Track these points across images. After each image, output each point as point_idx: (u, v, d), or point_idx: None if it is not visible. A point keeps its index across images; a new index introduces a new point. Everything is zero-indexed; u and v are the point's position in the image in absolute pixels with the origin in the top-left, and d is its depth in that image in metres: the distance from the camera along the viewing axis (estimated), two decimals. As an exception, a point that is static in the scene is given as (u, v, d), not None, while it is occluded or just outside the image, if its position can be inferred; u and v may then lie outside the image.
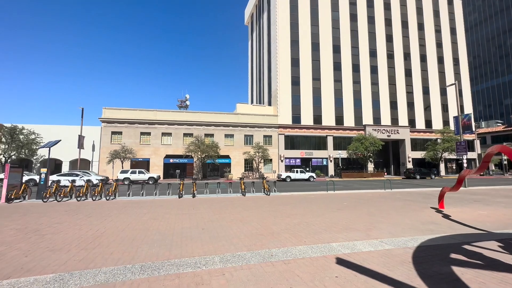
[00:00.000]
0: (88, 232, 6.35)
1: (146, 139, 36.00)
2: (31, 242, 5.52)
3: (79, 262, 4.29)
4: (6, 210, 9.98)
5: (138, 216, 8.49)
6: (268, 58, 48.75)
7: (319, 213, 8.91)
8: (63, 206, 10.82)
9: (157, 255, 4.65)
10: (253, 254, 4.66)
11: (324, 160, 41.37)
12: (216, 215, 8.66)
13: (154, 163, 35.20)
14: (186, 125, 37.27)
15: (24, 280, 3.60)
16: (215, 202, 11.89)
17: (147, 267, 4.06)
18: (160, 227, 6.89)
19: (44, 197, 12.36)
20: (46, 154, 29.96)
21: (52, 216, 8.49)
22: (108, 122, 34.73)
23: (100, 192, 13.28)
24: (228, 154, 37.79)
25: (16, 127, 28.70)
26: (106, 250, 4.92)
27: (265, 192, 15.26)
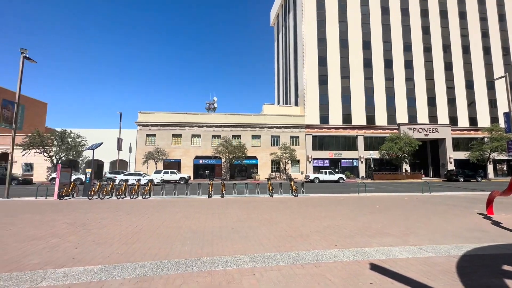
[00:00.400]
0: (128, 228, 6.84)
1: (177, 140, 37.67)
2: (79, 235, 6.09)
3: (121, 256, 4.64)
4: (58, 206, 11.12)
5: (171, 214, 8.93)
6: (294, 58, 48.27)
7: (350, 216, 8.60)
8: (105, 204, 11.77)
9: (190, 252, 4.85)
10: (283, 255, 4.66)
11: (354, 161, 39.78)
12: (245, 215, 8.79)
13: (185, 164, 36.69)
14: (214, 127, 38.32)
15: (75, 269, 3.99)
16: (243, 203, 12.06)
17: (181, 263, 4.26)
18: (191, 225, 7.17)
19: (89, 195, 13.56)
20: (90, 156, 32.76)
21: (97, 212, 9.28)
22: (143, 125, 37.00)
23: (137, 191, 14.20)
24: (255, 155, 38.08)
25: (65, 132, 31.84)
26: (144, 246, 5.25)
27: (292, 193, 15.11)
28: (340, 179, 31.30)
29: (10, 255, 4.64)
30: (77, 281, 3.57)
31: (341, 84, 41.38)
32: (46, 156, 30.86)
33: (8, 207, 10.72)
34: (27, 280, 3.58)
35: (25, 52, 14.52)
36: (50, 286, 3.40)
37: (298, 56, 45.32)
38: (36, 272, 3.87)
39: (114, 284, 3.46)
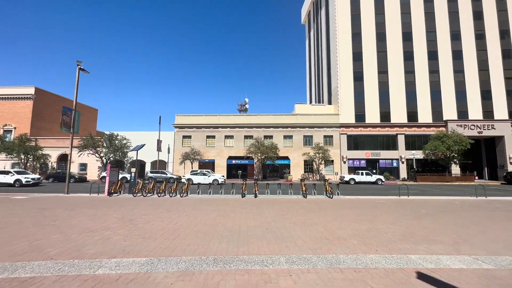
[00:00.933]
0: (169, 224, 7.27)
1: (211, 141, 39.01)
2: (127, 229, 6.64)
3: (164, 250, 4.95)
4: (108, 202, 12.26)
5: (207, 213, 9.28)
6: (327, 55, 46.83)
7: (391, 220, 8.07)
8: (148, 201, 12.66)
9: (227, 250, 4.99)
10: (320, 258, 4.55)
11: (394, 161, 37.23)
12: (279, 215, 8.76)
13: (218, 164, 37.83)
14: (246, 128, 38.88)
15: (126, 260, 4.36)
16: (276, 203, 12.04)
17: (219, 260, 4.40)
18: (227, 224, 7.37)
19: (134, 193, 14.71)
20: (134, 156, 35.55)
21: (141, 209, 10.03)
22: (180, 128, 39.04)
23: (175, 190, 15.03)
24: (287, 155, 37.77)
25: (112, 134, 35.00)
26: (184, 242, 5.54)
27: (327, 194, 14.66)
28: (378, 181, 29.55)
29: (72, 245, 5.25)
30: (127, 271, 3.90)
31: (378, 80, 39.08)
32: (97, 156, 34.24)
33: (68, 202, 12.12)
34: (86, 268, 4.01)
35: (80, 64, 16.30)
36: (105, 274, 3.77)
37: (331, 53, 43.88)
38: (93, 260, 4.32)
39: (159, 276, 3.71)
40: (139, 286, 3.39)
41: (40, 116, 41.76)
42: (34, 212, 9.16)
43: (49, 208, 10.15)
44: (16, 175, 22.97)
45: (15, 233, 6.19)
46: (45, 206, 10.70)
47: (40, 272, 3.82)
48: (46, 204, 11.33)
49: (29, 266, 4.07)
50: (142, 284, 3.47)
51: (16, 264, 4.13)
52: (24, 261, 4.27)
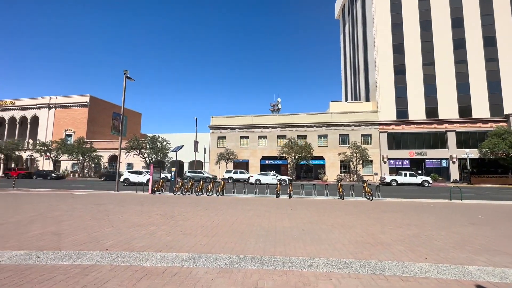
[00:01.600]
0: (207, 222, 7.56)
1: (245, 142, 39.65)
2: (169, 225, 7.07)
3: (203, 246, 5.16)
4: (152, 199, 13.19)
5: (243, 212, 9.44)
6: (364, 50, 44.45)
7: (441, 226, 7.34)
8: (187, 199, 13.34)
9: (264, 250, 5.01)
10: (361, 263, 4.32)
11: (443, 161, 33.86)
12: (315, 217, 8.55)
13: (252, 164, 38.30)
14: (279, 128, 38.73)
15: (169, 254, 4.64)
16: (312, 204, 11.77)
17: (256, 259, 4.45)
18: (263, 224, 7.41)
19: (174, 191, 15.61)
20: (173, 157, 37.76)
21: (181, 206, 10.61)
22: (215, 129, 40.40)
23: (212, 188, 15.59)
24: (322, 155, 36.72)
25: (154, 136, 37.62)
26: (221, 239, 5.71)
27: (366, 196, 13.90)
28: (424, 182, 27.13)
29: (123, 238, 5.76)
30: (171, 265, 4.15)
31: (423, 72, 35.93)
32: (141, 157, 37.11)
33: (118, 198, 13.34)
34: (135, 259, 4.37)
35: (126, 72, 17.85)
36: (152, 267, 4.06)
37: (368, 46, 41.55)
38: (141, 253, 4.69)
39: (200, 272, 3.88)
40: (182, 280, 3.58)
41: (94, 121, 46.72)
42: (91, 207, 10.26)
43: (102, 203, 11.28)
44: (148, 174, 23.09)
45: (77, 225, 6.99)
46: (100, 202, 11.91)
47: (98, 261, 4.25)
48: (100, 200, 12.61)
49: (89, 255, 4.56)
50: (185, 278, 3.65)
51: (78, 253, 4.66)
52: (85, 251, 4.80)
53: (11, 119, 49.27)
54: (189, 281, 3.56)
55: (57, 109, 47.18)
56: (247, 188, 16.56)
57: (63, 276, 3.67)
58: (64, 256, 4.46)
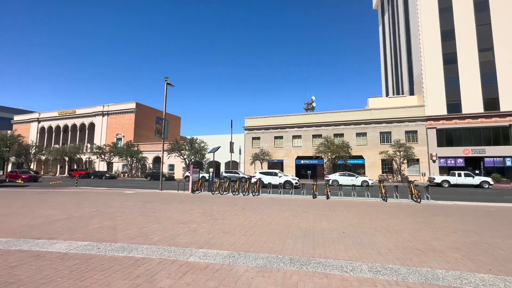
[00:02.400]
0: (245, 221, 7.71)
1: (279, 142, 39.49)
2: (209, 223, 7.37)
3: (242, 245, 5.28)
4: (192, 198, 13.89)
5: (279, 212, 9.41)
6: (406, 40, 41.12)
7: (509, 234, 6.44)
8: (224, 198, 13.76)
9: (302, 251, 4.94)
10: (410, 270, 4.00)
11: (507, 159, 29.67)
12: (356, 219, 8.15)
13: (287, 164, 37.99)
14: (314, 127, 37.79)
15: (211, 251, 4.84)
16: (351, 206, 11.25)
17: (295, 260, 4.40)
18: (300, 224, 7.30)
19: (212, 191, 16.22)
20: (211, 157, 39.27)
21: (219, 206, 10.98)
22: (249, 130, 40.98)
23: (248, 188, 15.84)
24: (361, 155, 34.88)
25: (193, 139, 39.57)
26: (259, 239, 5.77)
27: (413, 198, 12.82)
28: (483, 184, 24.07)
29: (168, 234, 6.17)
30: (213, 261, 4.32)
31: (479, 59, 31.94)
32: (181, 158, 39.30)
33: (162, 197, 14.32)
34: (180, 254, 4.64)
35: (167, 79, 19.09)
36: (196, 262, 4.27)
37: (411, 36, 38.32)
38: (185, 249, 4.97)
39: (240, 270, 3.97)
40: (223, 277, 3.70)
41: (140, 126, 50.88)
42: (139, 204, 11.19)
43: (149, 201, 12.22)
44: (283, 176, 22.92)
45: (129, 220, 7.69)
46: (147, 199, 12.93)
47: (148, 254, 4.62)
48: (147, 198, 13.68)
49: (140, 248, 4.98)
50: (226, 275, 3.78)
51: (131, 246, 5.12)
52: (136, 244, 5.26)
53: (73, 126, 56.17)
54: (230, 278, 3.67)
55: (109, 116, 52.44)
56: (282, 188, 16.46)
57: (119, 266, 4.07)
58: (119, 249, 4.94)
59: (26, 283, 3.42)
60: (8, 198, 13.30)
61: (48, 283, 3.44)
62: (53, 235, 5.95)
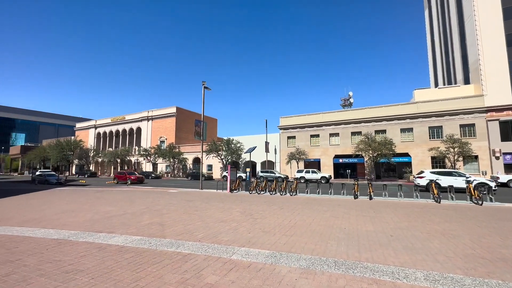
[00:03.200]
0: (284, 221, 7.66)
1: (316, 140, 38.46)
2: (249, 222, 7.47)
3: (283, 245, 5.24)
4: (230, 198, 14.26)
5: (319, 213, 9.14)
6: (458, 23, 36.82)
7: None
8: (262, 198, 13.85)
9: (347, 254, 4.72)
10: (476, 282, 3.54)
11: None
12: (404, 222, 7.53)
13: (324, 163, 36.82)
14: (353, 124, 35.99)
15: (252, 250, 4.89)
16: (398, 207, 10.43)
17: (340, 263, 4.22)
18: (342, 226, 7.00)
19: (250, 190, 16.45)
20: (247, 157, 39.92)
21: (257, 205, 11.08)
22: (284, 129, 40.66)
23: (285, 188, 15.72)
24: (406, 152, 32.22)
25: (229, 139, 40.66)
26: (300, 240, 5.67)
27: (473, 200, 11.40)
28: None
29: (211, 231, 6.42)
30: (255, 260, 4.36)
31: (555, 37, 27.12)
32: (219, 159, 40.65)
33: (203, 196, 14.96)
34: (223, 252, 4.79)
35: (204, 83, 19.92)
36: (238, 260, 4.36)
37: (465, 18, 34.20)
38: (228, 247, 5.11)
39: (283, 270, 3.94)
40: (267, 276, 3.71)
41: (180, 128, 53.96)
42: (183, 203, 11.86)
43: (191, 200, 12.88)
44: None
45: (174, 218, 8.19)
46: (189, 198, 13.64)
47: (193, 251, 4.86)
48: (189, 197, 14.43)
49: (186, 244, 5.26)
50: (269, 274, 3.78)
51: (178, 242, 5.44)
52: (183, 240, 5.57)
53: (123, 131, 61.93)
54: (273, 278, 3.66)
55: (153, 120, 56.62)
56: (321, 188, 16.00)
57: (169, 260, 4.34)
58: (168, 244, 5.29)
59: (92, 272, 3.85)
60: (73, 196, 15.17)
61: (110, 272, 3.83)
62: (111, 229, 6.61)
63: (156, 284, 3.43)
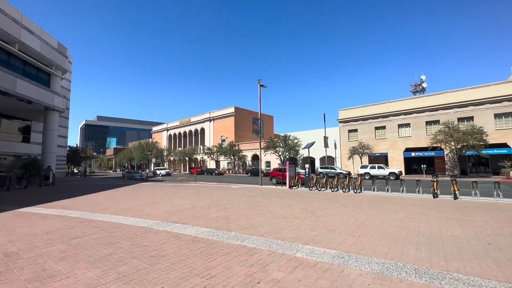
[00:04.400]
0: (349, 220, 7.18)
1: (381, 133, 35.02)
2: (311, 220, 7.27)
3: (351, 246, 4.90)
4: (290, 194, 14.17)
5: (391, 212, 8.26)
6: None
7: None
8: (323, 195, 13.33)
9: (430, 261, 4.10)
10: None
11: None
12: (508, 227, 6.15)
13: (392, 158, 33.27)
14: (427, 112, 31.40)
15: (317, 249, 4.72)
16: (495, 209, 8.60)
17: (421, 271, 3.69)
18: (421, 228, 6.15)
19: (310, 186, 16.05)
20: (304, 153, 39.13)
21: (318, 202, 10.71)
22: (344, 122, 38.26)
23: (348, 185, 14.77)
24: (504, 142, 26.41)
25: (286, 135, 40.52)
26: (370, 241, 5.21)
27: None
28: None
29: (273, 227, 6.48)
30: (321, 259, 4.20)
31: None
32: (276, 155, 40.96)
33: (263, 192, 15.29)
34: (287, 249, 4.76)
35: (260, 82, 20.27)
36: (303, 258, 4.26)
37: None
38: (291, 244, 5.06)
39: (353, 273, 3.67)
40: (335, 278, 3.52)
41: (239, 127, 56.42)
42: (245, 198, 12.36)
43: (252, 195, 13.32)
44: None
45: (238, 212, 8.59)
46: (250, 194, 14.14)
47: (258, 245, 4.98)
48: (250, 192, 14.95)
49: (250, 239, 5.44)
50: (338, 276, 3.57)
51: (242, 236, 5.67)
52: (247, 234, 5.78)
53: (189, 132, 68.41)
54: (343, 280, 3.45)
55: (214, 121, 60.76)
56: (390, 185, 14.46)
57: (236, 253, 4.56)
58: (233, 237, 5.56)
59: (172, 258, 4.33)
60: (153, 190, 17.49)
61: (187, 259, 4.24)
62: (185, 220, 7.34)
63: (225, 274, 3.64)
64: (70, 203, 11.09)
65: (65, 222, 7.27)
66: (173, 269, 3.85)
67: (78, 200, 12.39)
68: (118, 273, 3.72)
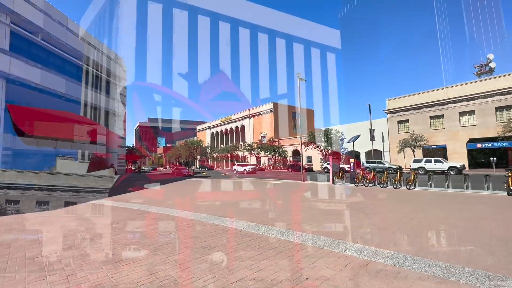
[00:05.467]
0: (403, 218, 6.62)
1: (438, 122, 31.39)
2: (359, 217, 6.89)
3: (406, 246, 4.52)
4: (333, 190, 13.64)
5: (453, 211, 7.38)
6: None
7: None
8: (370, 191, 12.54)
9: (506, 268, 3.56)
10: None
11: None
12: None
13: (452, 150, 29.60)
14: (498, 95, 27.06)
15: (368, 248, 4.47)
16: None
17: (497, 279, 3.23)
18: (494, 230, 5.36)
19: (356, 182, 15.24)
20: (348, 147, 37.22)
21: (367, 198, 10.10)
22: (393, 112, 35.27)
23: (399, 180, 13.63)
24: None
25: (328, 129, 39.02)
26: (429, 242, 4.75)
27: None
28: None
29: (318, 223, 6.34)
30: (373, 259, 3.97)
31: None
32: (318, 150, 39.80)
33: (305, 188, 15.04)
34: (335, 246, 4.61)
35: (299, 75, 19.83)
36: (353, 256, 4.08)
37: None
38: (339, 241, 4.88)
39: (411, 276, 3.39)
40: (390, 279, 3.30)
41: (278, 123, 56.21)
42: (288, 193, 12.33)
43: (295, 191, 13.20)
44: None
45: (282, 208, 8.61)
46: (292, 189, 14.04)
47: (304, 241, 4.92)
48: (292, 188, 14.84)
49: (296, 234, 5.40)
50: (393, 278, 3.34)
51: (288, 231, 5.66)
52: (292, 230, 5.75)
53: (230, 129, 70.66)
54: (399, 283, 3.21)
55: (254, 118, 61.56)
56: (450, 180, 12.90)
57: (282, 248, 4.58)
58: (279, 232, 5.60)
59: (222, 249, 4.56)
60: (199, 185, 18.55)
61: (236, 251, 4.41)
62: (230, 214, 7.64)
63: (273, 268, 3.69)
64: (131, 197, 12.46)
65: (128, 213, 8.19)
66: (222, 260, 4.05)
67: (137, 194, 13.83)
68: (174, 261, 4.06)
